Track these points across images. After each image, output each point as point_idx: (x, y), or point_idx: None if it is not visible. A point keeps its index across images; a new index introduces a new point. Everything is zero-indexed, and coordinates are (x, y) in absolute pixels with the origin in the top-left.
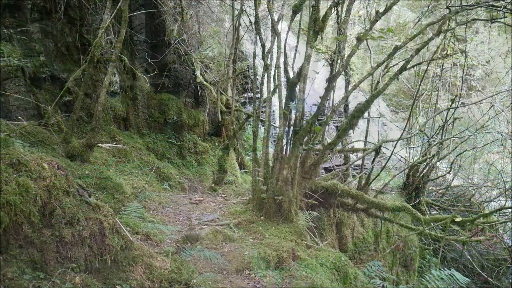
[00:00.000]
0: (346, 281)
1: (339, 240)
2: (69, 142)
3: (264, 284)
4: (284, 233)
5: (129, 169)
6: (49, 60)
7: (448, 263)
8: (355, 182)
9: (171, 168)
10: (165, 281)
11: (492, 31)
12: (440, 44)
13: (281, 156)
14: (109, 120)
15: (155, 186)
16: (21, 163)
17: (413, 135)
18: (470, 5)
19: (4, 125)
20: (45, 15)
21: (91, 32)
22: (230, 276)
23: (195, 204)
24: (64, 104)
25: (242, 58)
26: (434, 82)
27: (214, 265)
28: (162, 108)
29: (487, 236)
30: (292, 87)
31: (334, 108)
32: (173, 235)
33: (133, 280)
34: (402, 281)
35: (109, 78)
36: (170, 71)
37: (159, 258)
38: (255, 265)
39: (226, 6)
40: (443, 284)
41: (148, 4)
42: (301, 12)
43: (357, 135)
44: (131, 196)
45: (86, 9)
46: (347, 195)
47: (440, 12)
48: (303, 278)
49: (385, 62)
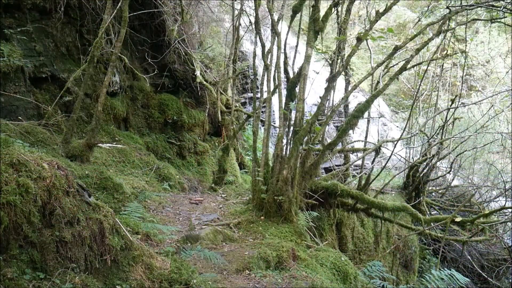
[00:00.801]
0: (346, 281)
1: (339, 240)
2: (69, 142)
3: (264, 284)
4: (284, 233)
5: (129, 169)
6: (49, 60)
7: (448, 263)
8: (355, 182)
9: (171, 168)
10: (165, 281)
11: (492, 31)
12: (440, 44)
13: (281, 156)
14: (109, 120)
15: (155, 186)
16: (21, 163)
17: (413, 135)
18: (470, 5)
19: (4, 125)
20: (45, 15)
21: (91, 32)
22: (230, 276)
23: (195, 204)
24: (64, 104)
25: (242, 58)
26: (434, 82)
27: (214, 265)
28: (162, 108)
29: (487, 236)
30: (292, 87)
31: (334, 108)
32: (173, 235)
33: (133, 280)
34: (402, 281)
35: (109, 78)
36: (170, 71)
37: (159, 258)
38: (255, 265)
39: (226, 6)
40: (443, 284)
41: (148, 4)
42: (301, 12)
43: (357, 135)
44: (131, 196)
45: (86, 9)
46: (347, 195)
47: (440, 12)
48: (303, 278)
49: (385, 62)
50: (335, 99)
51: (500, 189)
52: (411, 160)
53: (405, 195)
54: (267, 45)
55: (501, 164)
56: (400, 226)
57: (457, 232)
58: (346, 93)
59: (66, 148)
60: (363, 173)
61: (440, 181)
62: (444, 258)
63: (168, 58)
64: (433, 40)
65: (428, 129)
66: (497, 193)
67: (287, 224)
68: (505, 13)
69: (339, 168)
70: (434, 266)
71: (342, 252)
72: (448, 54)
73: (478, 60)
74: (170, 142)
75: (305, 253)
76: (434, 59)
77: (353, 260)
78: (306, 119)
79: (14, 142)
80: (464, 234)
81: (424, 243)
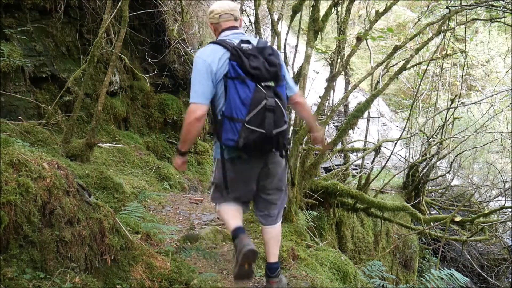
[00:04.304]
0: (346, 280)
1: (339, 239)
2: (69, 141)
3: (264, 283)
4: (284, 233)
5: (129, 169)
6: (49, 60)
7: (447, 263)
8: (355, 181)
9: (171, 168)
10: (165, 281)
11: (492, 31)
12: (440, 44)
13: None
14: (109, 120)
15: (155, 186)
16: (21, 163)
17: (412, 135)
18: (469, 5)
19: (4, 125)
20: (45, 14)
21: (91, 32)
22: (230, 276)
23: (195, 203)
24: (64, 104)
25: None
26: (434, 82)
27: (214, 265)
28: (162, 108)
29: (487, 235)
30: None
31: (334, 108)
32: (173, 234)
33: (133, 279)
34: (402, 280)
35: (109, 78)
36: (170, 71)
37: (159, 258)
38: (255, 264)
39: None
40: (443, 283)
41: (148, 4)
42: (301, 12)
43: (357, 135)
44: (131, 196)
45: (86, 9)
46: (347, 195)
47: (440, 12)
48: (303, 278)
49: (384, 62)
50: (335, 99)
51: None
52: (411, 159)
53: (405, 195)
54: None
55: (500, 164)
56: (399, 226)
57: (457, 232)
58: (346, 93)
59: (66, 148)
60: (363, 173)
61: (439, 181)
62: (443, 258)
63: (168, 58)
64: (433, 40)
65: (427, 128)
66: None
67: (287, 223)
68: (504, 13)
69: (339, 168)
70: (433, 265)
71: (342, 251)
72: (447, 54)
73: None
74: (170, 142)
75: (305, 253)
76: (434, 59)
77: (353, 260)
78: None
79: (14, 141)
80: (464, 233)
81: (424, 243)
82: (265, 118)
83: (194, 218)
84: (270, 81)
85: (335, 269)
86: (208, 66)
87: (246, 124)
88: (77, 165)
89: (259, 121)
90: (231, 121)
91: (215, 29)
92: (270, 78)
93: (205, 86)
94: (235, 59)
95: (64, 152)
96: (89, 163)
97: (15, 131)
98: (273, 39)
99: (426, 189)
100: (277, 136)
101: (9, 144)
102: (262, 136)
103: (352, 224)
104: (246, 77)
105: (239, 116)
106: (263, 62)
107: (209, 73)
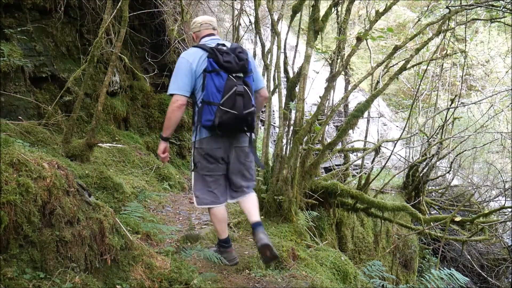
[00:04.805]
0: (346, 280)
1: (339, 239)
2: (69, 141)
3: (264, 283)
4: (284, 233)
5: (129, 169)
6: (49, 60)
7: (447, 263)
8: (355, 181)
9: (171, 168)
10: (165, 281)
11: (492, 31)
12: (440, 44)
13: (281, 156)
14: (109, 120)
15: (155, 186)
16: (21, 163)
17: (413, 135)
18: (469, 5)
19: (4, 125)
20: (45, 14)
21: (91, 32)
22: (230, 275)
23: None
24: (64, 104)
25: None
26: (434, 81)
27: (214, 265)
28: (162, 108)
29: (487, 235)
30: (292, 87)
31: (334, 108)
32: (173, 234)
33: (133, 279)
34: (402, 280)
35: (109, 78)
36: (170, 71)
37: (159, 258)
38: (255, 264)
39: (226, 6)
40: (443, 283)
41: (148, 4)
42: (301, 12)
43: (357, 135)
44: (131, 196)
45: (86, 9)
46: (347, 195)
47: (440, 12)
48: (303, 278)
49: (385, 62)
50: (335, 99)
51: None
52: (411, 159)
53: (405, 195)
54: (267, 45)
55: (500, 164)
56: (399, 226)
57: (457, 232)
58: (346, 93)
59: (66, 148)
60: (363, 173)
61: (439, 181)
62: (443, 258)
63: (168, 58)
64: (433, 40)
65: (427, 128)
66: (496, 192)
67: (287, 223)
68: (504, 13)
69: (339, 168)
70: (433, 265)
71: (342, 251)
72: (447, 54)
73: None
74: (170, 142)
75: (305, 253)
76: (434, 59)
77: (353, 260)
78: (306, 118)
79: (14, 141)
80: (464, 233)
81: (424, 243)
82: (235, 101)
83: (194, 218)
84: (240, 73)
85: (335, 269)
86: (190, 65)
87: (220, 106)
88: (77, 165)
89: (231, 104)
90: (208, 105)
91: (196, 37)
92: (239, 70)
93: (185, 81)
94: (211, 57)
95: (64, 152)
96: (89, 163)
97: (15, 131)
98: (273, 39)
99: (426, 189)
100: (247, 116)
101: (9, 144)
102: (234, 116)
103: (352, 224)
104: (220, 69)
105: (215, 100)
106: (234, 57)
107: (189, 71)
